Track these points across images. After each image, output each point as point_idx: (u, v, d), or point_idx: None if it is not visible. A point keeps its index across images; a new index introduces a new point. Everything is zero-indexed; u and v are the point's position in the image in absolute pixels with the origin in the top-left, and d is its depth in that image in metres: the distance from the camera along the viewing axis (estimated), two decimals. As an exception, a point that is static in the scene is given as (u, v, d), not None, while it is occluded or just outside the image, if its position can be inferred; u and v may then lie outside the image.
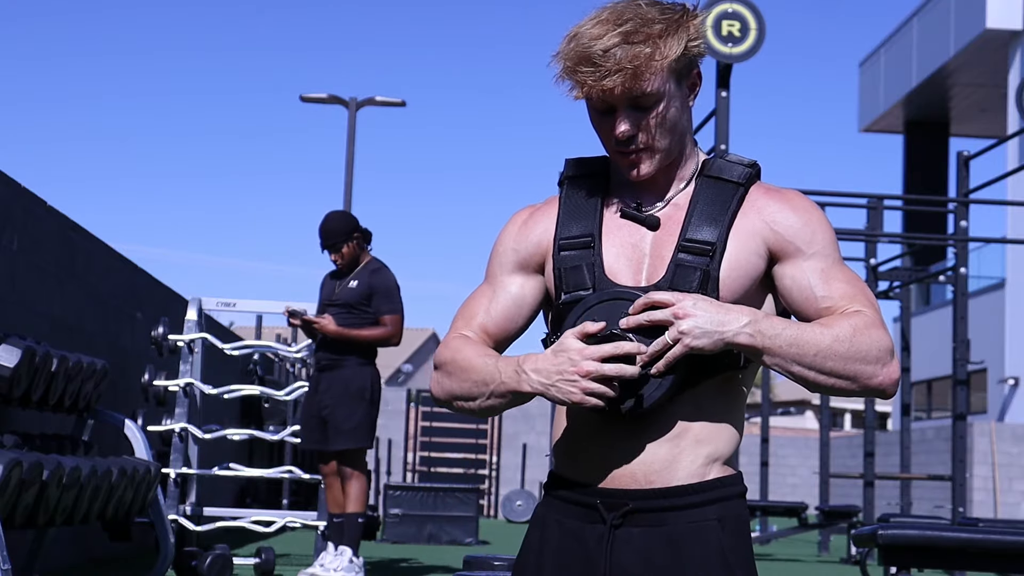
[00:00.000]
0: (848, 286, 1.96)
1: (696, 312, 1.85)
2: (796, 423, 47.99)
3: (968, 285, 9.62)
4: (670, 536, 1.91)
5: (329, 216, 7.17)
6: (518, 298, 2.06)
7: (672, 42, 1.91)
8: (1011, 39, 23.20)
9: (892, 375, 1.91)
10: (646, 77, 1.90)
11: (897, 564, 5.22)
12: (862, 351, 1.88)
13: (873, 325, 1.91)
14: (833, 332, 1.88)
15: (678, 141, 1.98)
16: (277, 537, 10.49)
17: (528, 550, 2.02)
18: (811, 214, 1.99)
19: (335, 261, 7.14)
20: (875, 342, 1.89)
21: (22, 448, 5.24)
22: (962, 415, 9.54)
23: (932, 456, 19.36)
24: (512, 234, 2.08)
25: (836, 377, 1.88)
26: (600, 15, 1.93)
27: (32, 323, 6.54)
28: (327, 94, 18.92)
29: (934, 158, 26.77)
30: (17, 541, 5.83)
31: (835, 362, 1.88)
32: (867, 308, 1.94)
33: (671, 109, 1.94)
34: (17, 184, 6.38)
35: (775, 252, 1.97)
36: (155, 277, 9.45)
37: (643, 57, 1.88)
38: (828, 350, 1.87)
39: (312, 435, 7.04)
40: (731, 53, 7.61)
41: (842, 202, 10.91)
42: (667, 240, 1.96)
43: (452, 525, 12.03)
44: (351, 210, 18.88)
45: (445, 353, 2.03)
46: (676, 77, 1.94)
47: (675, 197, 2.00)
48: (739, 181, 1.99)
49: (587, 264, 1.97)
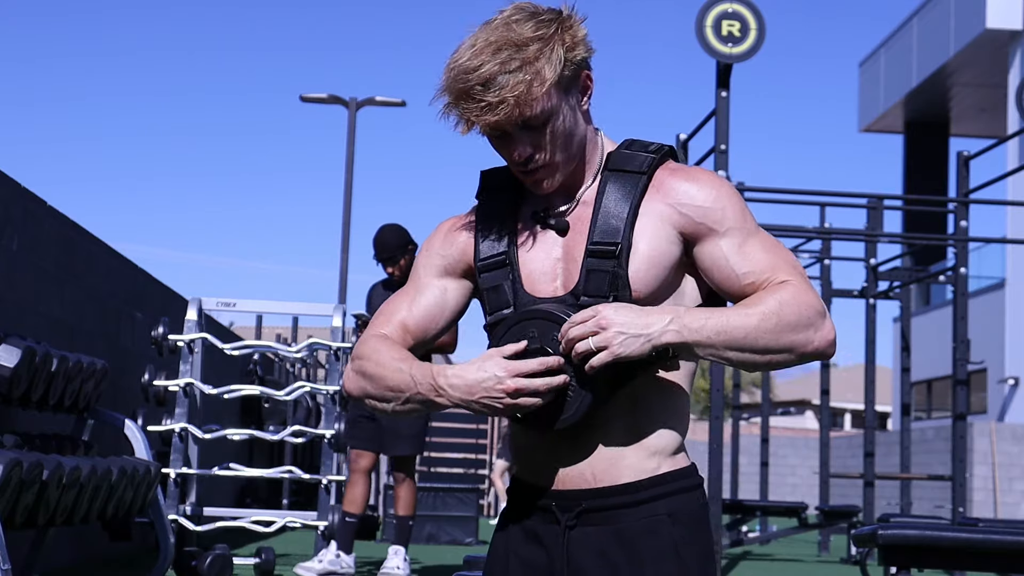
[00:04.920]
0: (767, 256, 1.96)
1: (618, 319, 1.86)
2: (796, 423, 47.98)
3: (968, 285, 9.61)
4: (623, 533, 1.94)
5: (385, 229, 7.42)
6: (440, 300, 2.08)
7: (548, 63, 1.90)
8: (1011, 39, 23.19)
9: (827, 336, 1.91)
10: (528, 103, 1.90)
11: (897, 564, 5.22)
12: (791, 321, 1.89)
13: (799, 291, 1.91)
14: (759, 310, 1.89)
15: (578, 146, 1.99)
16: (277, 537, 10.49)
17: (495, 554, 2.06)
18: (718, 190, 1.97)
19: (392, 273, 7.40)
20: (803, 309, 1.90)
21: (22, 448, 5.24)
22: (962, 415, 9.54)
23: (932, 456, 19.35)
24: (438, 241, 2.10)
25: (772, 353, 1.90)
26: (475, 42, 1.92)
27: (32, 323, 6.54)
28: (327, 94, 18.92)
29: (934, 158, 26.76)
30: (17, 541, 5.82)
31: (767, 338, 1.88)
32: (791, 275, 1.94)
33: (563, 122, 1.95)
34: (17, 184, 6.38)
35: (687, 235, 1.96)
36: (155, 277, 9.45)
37: (523, 85, 1.88)
38: (757, 329, 1.88)
39: (362, 434, 7.30)
40: (731, 53, 7.60)
41: (842, 202, 10.91)
42: (578, 242, 1.98)
43: (452, 525, 12.02)
44: (351, 210, 18.90)
45: (362, 350, 2.04)
46: (563, 89, 1.94)
47: (583, 195, 2.02)
48: (640, 170, 1.98)
49: (506, 282, 2.01)
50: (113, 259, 8.31)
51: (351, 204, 19.02)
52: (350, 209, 18.90)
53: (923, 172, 26.78)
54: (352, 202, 19.06)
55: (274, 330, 19.67)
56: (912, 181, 27.04)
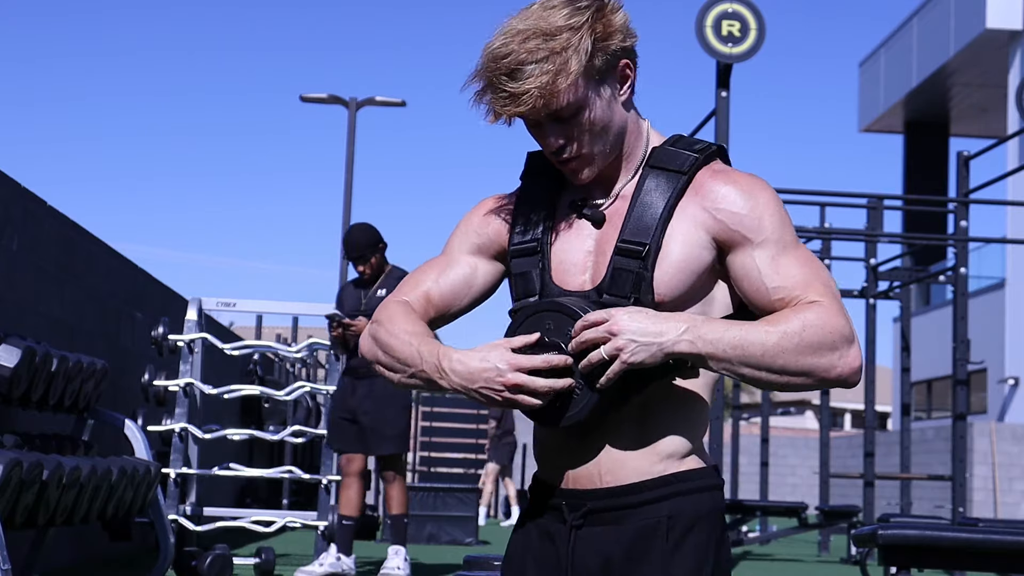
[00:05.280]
0: (800, 272, 1.88)
1: (631, 326, 1.81)
2: (796, 423, 47.97)
3: (968, 285, 9.61)
4: (625, 534, 1.92)
5: (354, 228, 7.32)
6: (469, 277, 2.05)
7: (576, 54, 1.85)
8: (1011, 39, 23.19)
9: (851, 364, 1.83)
10: (556, 94, 1.85)
11: (897, 564, 5.22)
12: (813, 343, 1.81)
13: (827, 313, 1.83)
14: (781, 328, 1.81)
15: (616, 137, 1.94)
16: (277, 537, 10.49)
17: (512, 551, 2.06)
18: (757, 198, 1.90)
19: (362, 272, 7.29)
20: (828, 333, 1.82)
21: (22, 448, 5.24)
22: (962, 415, 9.54)
23: (932, 456, 19.35)
24: (476, 219, 2.07)
25: (789, 375, 1.82)
26: (508, 28, 1.88)
27: (32, 323, 6.54)
28: (327, 94, 18.92)
29: (934, 158, 26.76)
30: (17, 541, 5.82)
31: (785, 359, 1.81)
32: (823, 296, 1.86)
33: (596, 113, 1.90)
34: (17, 184, 6.37)
35: (722, 242, 1.90)
36: (155, 277, 9.45)
37: (547, 76, 1.84)
38: (776, 347, 1.80)
39: (344, 436, 7.21)
40: (731, 53, 7.60)
41: (842, 202, 10.91)
42: (611, 237, 1.94)
43: (452, 525, 12.02)
44: (351, 210, 18.90)
45: (382, 314, 2.02)
46: (596, 79, 1.89)
47: (623, 189, 1.97)
48: (682, 170, 1.93)
49: (535, 271, 1.97)
50: (113, 259, 8.31)
51: (351, 204, 19.02)
52: (350, 209, 18.91)
53: (923, 172, 26.79)
54: (352, 202, 19.07)
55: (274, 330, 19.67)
56: (912, 181, 27.05)
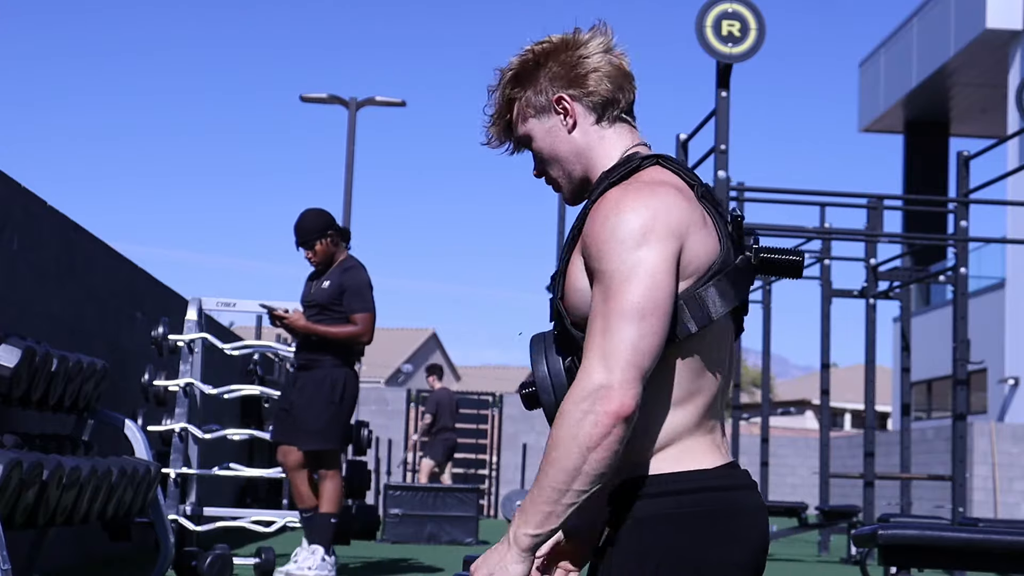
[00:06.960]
0: (595, 333, 1.83)
1: (482, 569, 1.88)
2: (796, 423, 47.98)
3: (968, 285, 9.61)
4: None
5: (304, 214, 7.11)
6: None
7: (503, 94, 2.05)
8: (1011, 39, 23.19)
9: (609, 415, 1.78)
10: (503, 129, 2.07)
11: (897, 564, 5.22)
12: (566, 438, 1.79)
13: (574, 391, 1.80)
14: (548, 456, 1.83)
15: (570, 164, 2.03)
16: (277, 537, 10.48)
17: None
18: (604, 224, 1.86)
19: (309, 259, 7.11)
20: (563, 438, 1.80)
21: (22, 448, 5.24)
22: (962, 415, 9.54)
23: (932, 456, 19.35)
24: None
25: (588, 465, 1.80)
26: None
27: (32, 323, 6.54)
28: (327, 94, 18.92)
29: (934, 158, 26.74)
30: (17, 541, 5.82)
31: (569, 465, 1.80)
32: (591, 364, 1.81)
33: (543, 143, 2.03)
34: (17, 184, 6.37)
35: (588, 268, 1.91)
36: (155, 277, 9.45)
37: (496, 113, 2.06)
38: (555, 478, 1.81)
39: (279, 427, 7.09)
40: (731, 53, 7.60)
41: (842, 202, 10.91)
42: None
43: (452, 525, 12.02)
44: (351, 209, 18.87)
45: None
46: (535, 114, 2.03)
47: None
48: (592, 197, 1.96)
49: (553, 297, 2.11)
50: (113, 259, 8.31)
51: (351, 204, 19.02)
52: (350, 209, 18.90)
53: (923, 172, 26.77)
54: (352, 202, 19.06)
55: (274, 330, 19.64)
56: (912, 181, 27.03)
